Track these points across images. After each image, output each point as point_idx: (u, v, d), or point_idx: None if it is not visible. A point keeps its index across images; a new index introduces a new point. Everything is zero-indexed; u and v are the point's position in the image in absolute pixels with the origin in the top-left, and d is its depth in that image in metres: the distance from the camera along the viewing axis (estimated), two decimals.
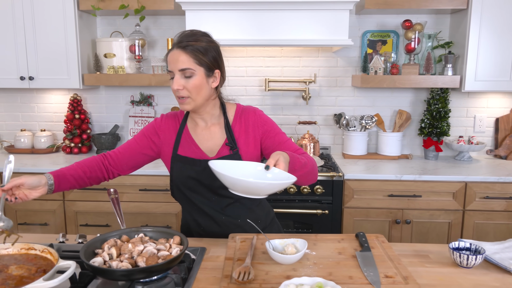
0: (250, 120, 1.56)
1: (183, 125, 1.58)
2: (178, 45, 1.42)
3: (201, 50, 1.42)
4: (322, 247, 1.41)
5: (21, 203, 1.36)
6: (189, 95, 1.43)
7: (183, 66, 1.40)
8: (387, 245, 1.42)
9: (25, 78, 2.82)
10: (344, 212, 2.57)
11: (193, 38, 1.43)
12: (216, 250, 1.43)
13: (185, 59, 1.40)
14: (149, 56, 3.06)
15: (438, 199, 2.52)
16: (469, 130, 3.07)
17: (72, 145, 3.04)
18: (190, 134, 1.56)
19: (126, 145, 1.60)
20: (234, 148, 1.52)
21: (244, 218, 1.58)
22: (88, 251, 1.22)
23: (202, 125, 1.56)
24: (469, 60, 2.67)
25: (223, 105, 1.58)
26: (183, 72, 1.41)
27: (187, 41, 1.41)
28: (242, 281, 1.15)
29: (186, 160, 1.53)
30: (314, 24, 2.56)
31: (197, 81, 1.42)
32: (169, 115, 1.62)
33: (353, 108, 3.11)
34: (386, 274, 1.21)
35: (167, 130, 1.58)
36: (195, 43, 1.42)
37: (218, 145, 1.54)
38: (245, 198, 1.55)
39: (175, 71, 1.42)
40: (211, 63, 1.45)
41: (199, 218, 1.58)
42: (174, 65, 1.42)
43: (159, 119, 1.62)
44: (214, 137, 1.55)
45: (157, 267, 1.13)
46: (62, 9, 2.74)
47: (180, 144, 1.55)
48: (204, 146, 1.55)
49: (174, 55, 1.42)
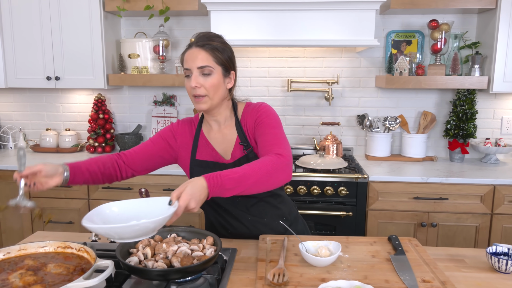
0: (249, 115, 1.52)
1: (198, 129, 1.57)
2: (197, 44, 1.42)
3: (219, 49, 1.43)
4: (354, 250, 1.39)
5: (37, 191, 1.35)
6: (206, 93, 1.42)
7: (202, 63, 1.40)
8: (421, 249, 1.39)
9: (51, 78, 2.86)
10: (368, 214, 2.54)
11: (210, 38, 1.44)
12: (247, 251, 1.43)
13: (204, 57, 1.40)
14: (173, 57, 3.08)
15: (465, 202, 2.47)
16: (496, 132, 3.01)
17: (96, 145, 3.07)
18: (206, 138, 1.56)
19: (142, 146, 1.58)
20: (248, 147, 1.49)
21: (270, 217, 1.57)
22: (123, 250, 1.22)
23: (215, 128, 1.56)
24: (498, 60, 2.62)
25: (235, 107, 1.57)
26: (202, 70, 1.40)
27: (206, 41, 1.42)
28: (278, 283, 1.15)
29: (206, 164, 1.52)
30: (339, 24, 2.54)
31: (215, 80, 1.42)
32: (185, 120, 1.62)
33: (377, 109, 3.07)
34: (423, 279, 1.19)
35: (183, 134, 1.58)
36: (213, 42, 1.43)
37: (231, 146, 1.52)
38: (268, 197, 1.55)
39: (194, 68, 1.41)
40: (228, 63, 1.46)
41: (225, 221, 1.58)
42: (192, 62, 1.41)
43: (175, 124, 1.61)
44: (227, 138, 1.54)
45: (193, 267, 1.13)
46: (88, 10, 2.78)
47: (198, 149, 1.55)
48: (219, 149, 1.54)
49: (193, 53, 1.41)
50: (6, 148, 3.27)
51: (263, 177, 1.28)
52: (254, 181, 1.26)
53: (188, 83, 1.43)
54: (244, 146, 1.49)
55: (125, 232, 1.05)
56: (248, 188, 1.26)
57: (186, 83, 1.45)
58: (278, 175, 1.31)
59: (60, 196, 2.68)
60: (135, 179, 2.62)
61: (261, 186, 1.30)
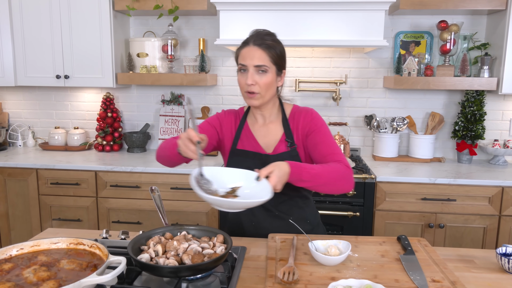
0: (302, 118, 1.58)
1: (243, 121, 1.63)
2: (255, 42, 1.47)
3: (276, 50, 1.49)
4: (364, 249, 1.40)
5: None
6: (259, 91, 1.48)
7: (260, 62, 1.45)
8: (431, 249, 1.39)
9: (60, 77, 2.89)
10: (375, 215, 2.54)
11: (269, 37, 1.49)
12: (256, 250, 1.43)
13: (262, 56, 1.46)
14: (181, 56, 3.09)
15: (473, 204, 2.46)
16: (505, 134, 3.00)
17: (104, 143, 3.09)
18: (250, 129, 1.61)
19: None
20: (292, 144, 1.54)
21: (295, 216, 1.60)
22: (134, 247, 1.23)
23: (260, 121, 1.61)
24: (508, 61, 2.61)
25: (281, 104, 1.62)
26: (258, 68, 1.46)
27: (265, 40, 1.47)
28: (288, 281, 1.15)
29: (245, 154, 1.57)
30: (348, 24, 2.54)
31: (269, 79, 1.48)
32: (230, 111, 1.67)
33: (384, 109, 3.07)
34: (433, 279, 1.19)
35: (228, 124, 1.63)
36: (271, 42, 1.48)
37: (275, 141, 1.57)
38: (297, 197, 1.60)
39: (250, 66, 1.46)
40: (281, 62, 1.52)
41: (252, 212, 1.59)
42: (250, 60, 1.46)
43: (221, 113, 1.66)
44: (271, 133, 1.59)
45: (204, 265, 1.14)
46: (97, 10, 2.80)
47: (240, 139, 1.60)
48: (262, 141, 1.59)
49: (252, 51, 1.46)
50: (15, 146, 3.30)
51: (332, 181, 1.40)
52: (324, 181, 1.38)
53: (243, 79, 1.49)
54: (289, 142, 1.55)
55: (228, 205, 1.24)
56: (317, 185, 1.39)
57: (240, 77, 1.51)
58: (344, 183, 1.43)
59: (68, 194, 2.70)
60: (143, 177, 2.64)
61: (327, 188, 1.42)
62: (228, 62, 3.11)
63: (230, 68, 3.12)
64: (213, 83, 3.04)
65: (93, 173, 2.67)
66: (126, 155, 3.01)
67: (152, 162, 2.78)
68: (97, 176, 2.67)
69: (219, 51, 3.09)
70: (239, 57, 1.51)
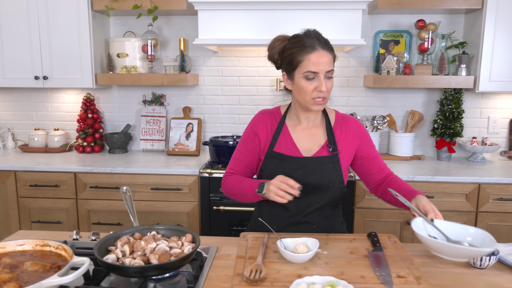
0: (352, 128, 1.58)
1: (282, 123, 1.58)
2: (323, 46, 1.41)
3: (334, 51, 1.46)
4: (333, 247, 1.41)
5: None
6: (326, 95, 1.44)
7: (330, 67, 1.41)
8: (399, 245, 1.41)
9: (39, 78, 2.86)
10: (355, 213, 2.55)
11: (326, 38, 1.45)
12: (227, 249, 1.44)
13: (330, 60, 1.42)
14: (161, 56, 3.08)
15: (451, 200, 2.49)
16: (483, 131, 3.03)
17: (85, 144, 3.07)
18: (289, 132, 1.57)
19: (243, 160, 1.61)
20: (334, 150, 1.52)
21: (318, 225, 1.57)
22: (101, 248, 1.23)
23: (304, 124, 1.57)
24: (484, 60, 2.64)
25: (324, 109, 1.60)
26: (328, 73, 1.41)
27: (327, 42, 1.43)
28: (254, 279, 1.16)
29: (282, 157, 1.53)
30: (327, 24, 2.55)
31: (333, 82, 1.46)
32: (264, 112, 1.63)
33: (365, 108, 3.09)
34: (398, 274, 1.20)
35: (263, 128, 1.59)
36: (331, 44, 1.45)
37: (318, 145, 1.54)
38: (329, 206, 1.57)
39: (322, 72, 1.40)
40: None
41: (278, 216, 1.57)
42: (323, 66, 1.39)
43: (255, 120, 1.62)
44: (315, 137, 1.56)
45: (170, 264, 1.14)
46: (76, 10, 2.78)
47: (278, 142, 1.56)
48: (301, 145, 1.55)
49: (324, 56, 1.40)
50: None
51: None
52: None
53: (311, 85, 1.42)
54: (331, 148, 1.52)
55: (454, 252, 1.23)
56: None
57: (306, 84, 1.42)
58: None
59: (48, 196, 2.68)
60: (123, 178, 2.63)
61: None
62: (209, 62, 3.11)
63: (211, 68, 3.12)
64: (194, 83, 3.03)
65: (73, 175, 2.65)
66: (107, 156, 3.00)
67: (133, 162, 2.77)
68: (77, 177, 2.65)
69: (200, 51, 3.09)
70: (306, 63, 1.40)
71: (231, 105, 3.15)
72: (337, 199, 1.55)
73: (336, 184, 1.52)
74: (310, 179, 1.49)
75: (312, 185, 1.50)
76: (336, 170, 1.51)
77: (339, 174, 1.52)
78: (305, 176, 1.49)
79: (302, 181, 1.47)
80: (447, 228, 1.33)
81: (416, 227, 1.30)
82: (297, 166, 1.51)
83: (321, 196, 1.52)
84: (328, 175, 1.51)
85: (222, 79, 3.13)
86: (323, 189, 1.51)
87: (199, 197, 2.61)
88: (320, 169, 1.51)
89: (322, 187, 1.51)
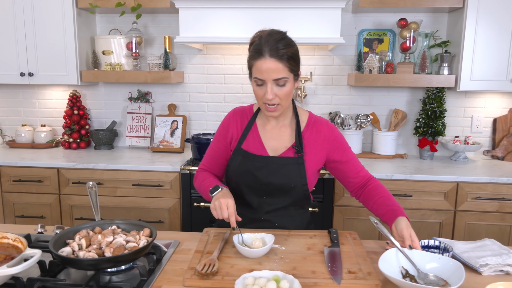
0: (323, 132, 1.57)
1: (252, 121, 1.59)
2: (272, 53, 1.35)
3: (294, 57, 1.39)
4: (292, 243, 1.43)
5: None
6: (279, 102, 1.42)
7: (279, 75, 1.37)
8: (358, 242, 1.43)
9: (25, 74, 2.89)
10: (334, 211, 2.57)
11: (285, 43, 1.38)
12: (189, 244, 1.46)
13: (280, 68, 1.36)
14: (147, 54, 3.10)
15: (429, 199, 2.50)
16: (466, 130, 3.04)
17: (70, 140, 3.10)
18: (258, 131, 1.58)
19: (213, 156, 1.64)
20: (299, 152, 1.52)
21: (280, 224, 1.58)
22: (59, 241, 1.25)
23: (273, 124, 1.57)
24: (465, 59, 2.65)
25: (294, 107, 1.59)
26: (278, 81, 1.38)
27: (283, 49, 1.36)
28: (205, 273, 1.18)
29: (247, 155, 1.54)
30: (308, 22, 2.57)
31: (289, 88, 1.41)
32: (237, 110, 1.63)
33: (349, 107, 3.10)
34: (349, 270, 1.22)
35: (234, 126, 1.60)
36: (289, 49, 1.37)
37: (285, 146, 1.55)
38: (294, 206, 1.59)
39: (269, 80, 1.38)
40: (298, 67, 1.44)
41: (240, 212, 1.54)
42: (268, 74, 1.36)
43: (227, 117, 1.63)
44: (282, 138, 1.56)
45: (122, 257, 1.16)
46: (61, 7, 2.80)
47: (246, 139, 1.57)
48: (268, 145, 1.56)
49: (269, 64, 1.35)
50: None
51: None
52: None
53: (261, 91, 1.41)
54: (296, 150, 1.52)
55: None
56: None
57: (257, 90, 1.42)
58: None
59: (31, 191, 2.71)
60: (105, 174, 2.65)
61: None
62: (194, 60, 3.13)
63: (196, 66, 3.13)
64: (178, 81, 3.05)
65: (56, 170, 2.68)
66: (93, 152, 3.03)
67: (116, 159, 2.80)
68: (60, 173, 2.68)
69: (185, 48, 3.11)
70: (254, 70, 1.40)
71: (216, 103, 3.17)
72: (301, 200, 1.57)
73: (299, 185, 1.52)
74: (273, 179, 1.51)
75: (274, 184, 1.52)
76: (300, 172, 1.52)
77: (302, 176, 1.52)
78: (268, 175, 1.51)
79: (265, 180, 1.50)
80: (420, 257, 1.24)
81: (384, 260, 1.20)
82: (261, 165, 1.52)
83: (284, 196, 1.53)
84: (291, 176, 1.51)
85: (207, 76, 3.15)
86: (285, 189, 1.52)
87: (180, 194, 2.64)
88: (284, 169, 1.51)
89: (284, 188, 1.52)
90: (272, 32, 1.41)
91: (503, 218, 2.47)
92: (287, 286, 1.06)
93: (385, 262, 1.20)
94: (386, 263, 1.19)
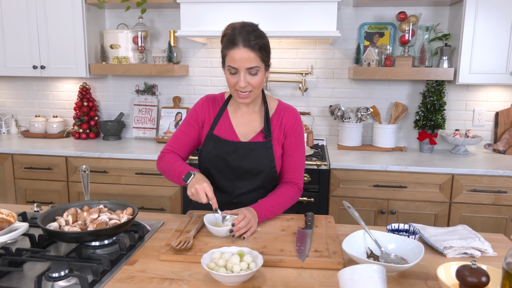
0: (286, 119, 1.64)
1: (223, 107, 1.66)
2: (244, 44, 1.43)
3: (265, 48, 1.48)
4: (269, 225, 1.49)
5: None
6: (251, 89, 1.50)
7: (252, 64, 1.45)
8: (332, 225, 1.48)
9: (37, 67, 3.04)
10: (330, 201, 2.62)
11: (257, 34, 1.46)
12: (172, 224, 1.54)
13: (253, 58, 1.44)
14: (153, 47, 3.21)
15: (424, 191, 2.52)
16: (468, 124, 3.03)
17: (80, 131, 3.24)
18: (229, 117, 1.65)
19: (181, 138, 1.68)
20: (268, 136, 1.60)
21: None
22: (48, 217, 1.36)
23: (244, 110, 1.65)
24: (464, 52, 2.65)
25: (264, 95, 1.67)
26: (250, 70, 1.46)
27: (254, 40, 1.44)
28: (179, 249, 1.26)
29: (218, 140, 1.62)
30: (303, 16, 2.61)
31: (261, 77, 1.50)
32: (209, 97, 1.70)
33: (350, 100, 3.13)
34: (316, 249, 1.28)
35: (206, 111, 1.67)
36: (261, 40, 1.46)
37: (254, 131, 1.63)
38: (263, 188, 1.66)
39: (242, 69, 1.45)
40: (269, 57, 1.52)
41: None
42: (241, 63, 1.44)
43: (199, 103, 1.69)
44: (252, 123, 1.64)
45: (103, 231, 1.25)
46: (70, 3, 2.93)
47: (218, 125, 1.64)
48: (239, 130, 1.64)
49: (242, 54, 1.43)
50: None
51: (286, 208, 1.61)
52: (281, 211, 1.59)
53: (234, 79, 1.49)
54: (265, 134, 1.60)
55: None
56: (275, 215, 1.57)
57: (230, 78, 1.50)
58: (292, 205, 1.66)
59: (41, 178, 2.86)
60: (110, 163, 2.77)
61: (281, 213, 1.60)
62: (199, 54, 3.22)
63: (201, 59, 3.22)
64: (183, 74, 3.15)
65: (64, 159, 2.82)
66: (101, 142, 3.16)
67: (122, 149, 2.92)
68: (68, 161, 2.82)
69: (190, 42, 3.20)
70: (228, 59, 1.47)
71: None
72: (270, 183, 1.64)
73: (268, 168, 1.60)
74: (243, 163, 1.58)
75: (244, 168, 1.59)
76: (268, 156, 1.59)
77: (271, 160, 1.60)
78: (238, 160, 1.59)
79: (236, 164, 1.58)
80: (385, 239, 1.29)
81: (351, 240, 1.26)
82: (231, 150, 1.60)
83: (253, 179, 1.60)
84: (260, 159, 1.59)
85: (211, 70, 3.23)
86: (255, 172, 1.60)
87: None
88: (253, 153, 1.59)
89: (254, 171, 1.60)
90: (245, 24, 1.49)
91: (499, 211, 2.47)
92: (250, 260, 1.13)
93: (352, 242, 1.26)
94: (353, 243, 1.25)
